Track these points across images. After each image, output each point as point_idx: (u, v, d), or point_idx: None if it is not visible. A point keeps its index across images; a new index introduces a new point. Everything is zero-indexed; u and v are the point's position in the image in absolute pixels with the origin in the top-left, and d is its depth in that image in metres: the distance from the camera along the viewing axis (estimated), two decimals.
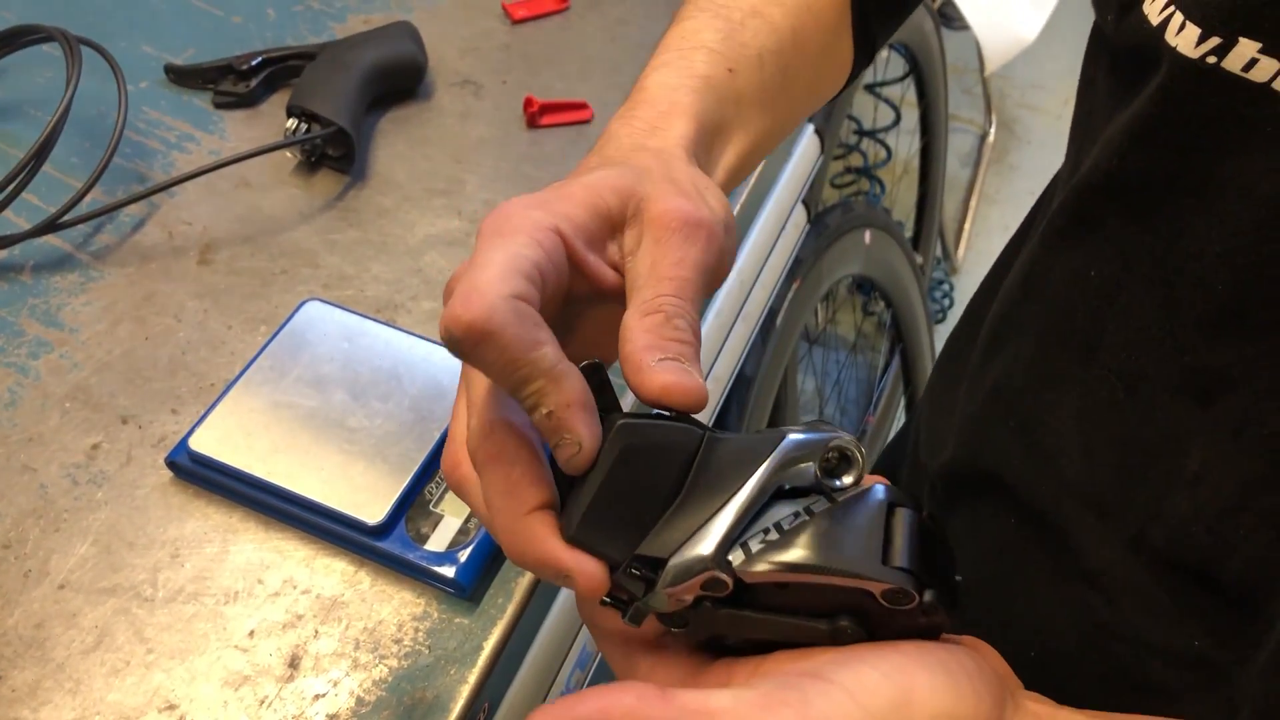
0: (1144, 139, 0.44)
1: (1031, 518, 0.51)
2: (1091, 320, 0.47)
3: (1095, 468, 0.48)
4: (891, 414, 1.76)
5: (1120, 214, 0.46)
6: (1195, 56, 0.40)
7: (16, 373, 0.67)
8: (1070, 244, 0.49)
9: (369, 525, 0.58)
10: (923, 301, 1.55)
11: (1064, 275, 0.50)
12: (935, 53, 1.65)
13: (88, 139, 0.80)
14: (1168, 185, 0.44)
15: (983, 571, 0.54)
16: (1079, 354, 0.48)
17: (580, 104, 0.85)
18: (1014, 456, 0.52)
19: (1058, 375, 0.50)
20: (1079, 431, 0.49)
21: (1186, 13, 0.40)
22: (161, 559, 0.59)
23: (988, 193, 2.40)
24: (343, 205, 0.77)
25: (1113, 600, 0.49)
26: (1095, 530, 0.49)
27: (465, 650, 0.57)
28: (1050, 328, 0.50)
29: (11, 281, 0.72)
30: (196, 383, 0.67)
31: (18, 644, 0.56)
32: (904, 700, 0.35)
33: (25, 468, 0.63)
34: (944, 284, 2.12)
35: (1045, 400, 0.50)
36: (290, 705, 0.55)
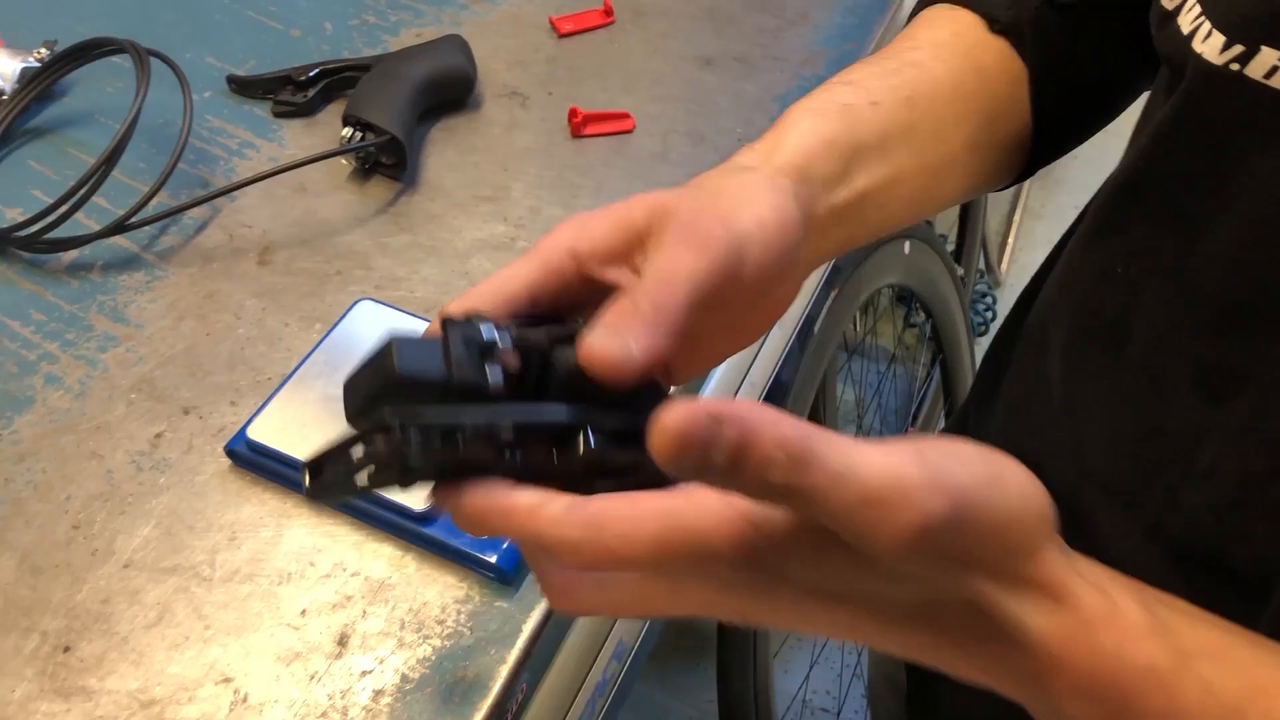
0: (1167, 142, 0.46)
1: (1060, 504, 0.53)
2: (1119, 316, 0.49)
3: (1118, 457, 0.50)
4: (932, 425, 1.77)
5: (1145, 214, 0.48)
6: (1219, 63, 0.41)
7: (86, 365, 0.71)
8: (1100, 243, 0.51)
9: (415, 512, 0.61)
10: (964, 313, 1.56)
11: (1094, 272, 0.52)
12: None
13: (153, 145, 0.84)
14: (1189, 187, 0.45)
15: None
16: (1107, 347, 0.50)
17: (623, 114, 0.88)
18: (1050, 442, 0.53)
19: (1088, 366, 0.51)
20: (1105, 421, 0.50)
21: (1213, 22, 0.42)
22: (219, 541, 0.63)
23: (1032, 206, 2.40)
24: (394, 210, 0.81)
25: None
26: (1116, 518, 0.50)
27: (505, 632, 0.60)
28: (1082, 321, 0.52)
29: (82, 279, 0.76)
30: (254, 376, 0.70)
31: (86, 618, 0.60)
32: (996, 474, 0.34)
33: (93, 454, 0.66)
34: (987, 297, 2.12)
35: (1076, 390, 0.52)
36: (339, 681, 0.58)
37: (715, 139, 0.86)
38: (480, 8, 0.98)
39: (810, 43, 0.95)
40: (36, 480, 0.65)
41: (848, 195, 0.49)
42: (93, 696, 0.57)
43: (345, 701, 0.57)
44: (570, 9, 0.97)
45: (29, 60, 0.88)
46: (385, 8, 0.98)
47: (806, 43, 0.95)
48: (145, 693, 0.57)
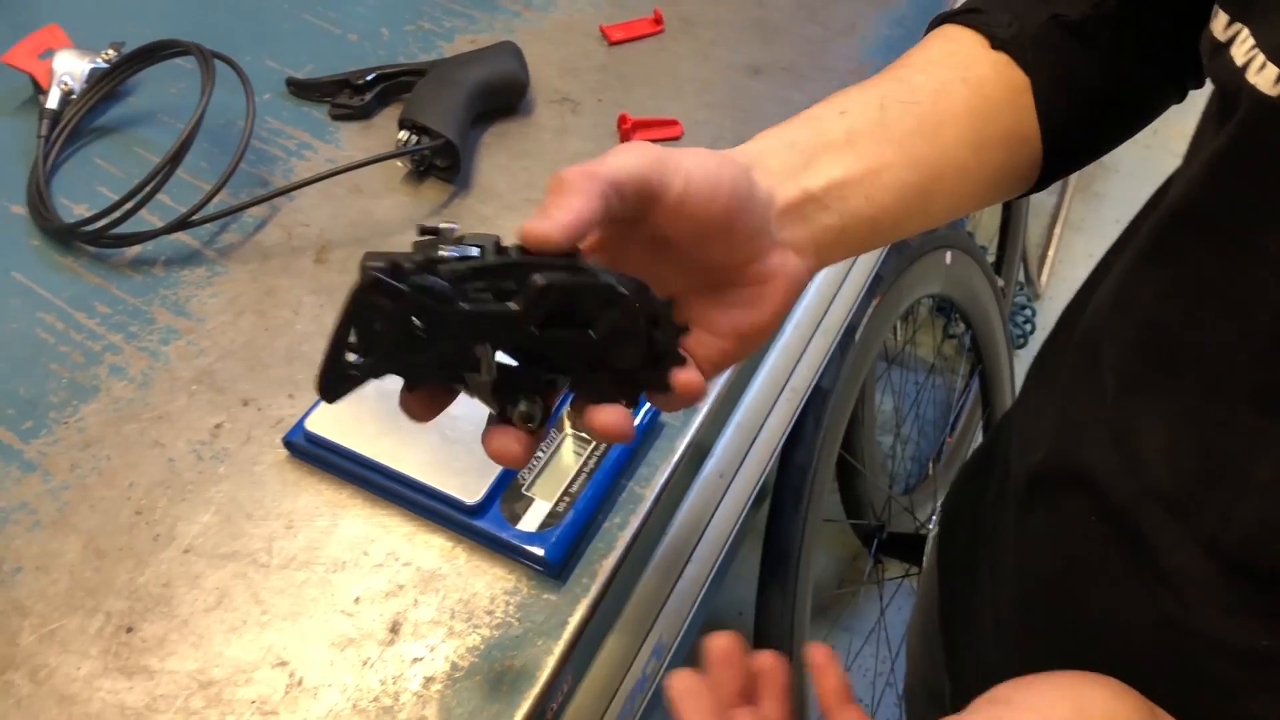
0: (1224, 171, 0.46)
1: (1113, 516, 0.53)
2: (1175, 336, 0.50)
3: (1177, 473, 0.50)
4: (969, 436, 1.77)
5: (1200, 242, 0.49)
6: (1274, 95, 0.42)
7: (149, 356, 0.73)
8: (1156, 268, 0.52)
9: (467, 504, 0.63)
10: (1003, 325, 1.57)
11: (1150, 295, 0.52)
12: None
13: (215, 145, 0.87)
14: (1244, 215, 0.46)
15: (1062, 568, 0.57)
16: (1164, 365, 0.51)
17: (671, 121, 0.89)
18: (1104, 457, 0.54)
19: (1145, 383, 0.52)
20: (1164, 437, 0.51)
21: (1267, 54, 0.42)
22: (277, 529, 0.65)
23: (1073, 220, 2.39)
24: (447, 212, 0.82)
25: (1185, 599, 0.51)
26: (1173, 532, 0.51)
27: (552, 624, 0.61)
28: (1138, 340, 0.53)
29: (145, 274, 0.78)
30: (311, 371, 0.72)
31: (148, 600, 0.62)
32: (1079, 709, 0.41)
33: (155, 443, 0.69)
34: (1026, 309, 2.12)
35: (1134, 406, 0.53)
36: (391, 667, 0.59)
37: None
38: (533, 15, 1.00)
39: (858, 53, 0.96)
40: (101, 467, 0.67)
41: (818, 182, 0.51)
42: (154, 676, 0.59)
43: (397, 687, 0.58)
44: (621, 17, 0.99)
45: (97, 61, 0.90)
46: (440, 14, 1.00)
47: (854, 53, 0.96)
48: (204, 673, 0.59)
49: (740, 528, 0.88)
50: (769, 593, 1.06)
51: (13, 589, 0.62)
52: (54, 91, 0.89)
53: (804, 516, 1.04)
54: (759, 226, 0.49)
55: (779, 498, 1.06)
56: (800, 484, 1.04)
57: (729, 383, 0.73)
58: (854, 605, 1.67)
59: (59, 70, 0.89)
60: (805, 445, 1.04)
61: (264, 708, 0.58)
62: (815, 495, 1.06)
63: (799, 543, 1.04)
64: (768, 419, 0.88)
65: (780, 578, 1.05)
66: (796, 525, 1.04)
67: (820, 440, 1.05)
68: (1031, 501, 0.61)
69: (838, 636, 1.62)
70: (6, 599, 0.62)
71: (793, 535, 1.04)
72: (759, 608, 1.07)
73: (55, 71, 0.89)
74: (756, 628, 1.08)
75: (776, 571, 1.06)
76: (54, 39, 0.93)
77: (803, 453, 1.04)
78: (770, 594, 1.06)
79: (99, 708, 0.58)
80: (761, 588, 1.07)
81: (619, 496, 0.66)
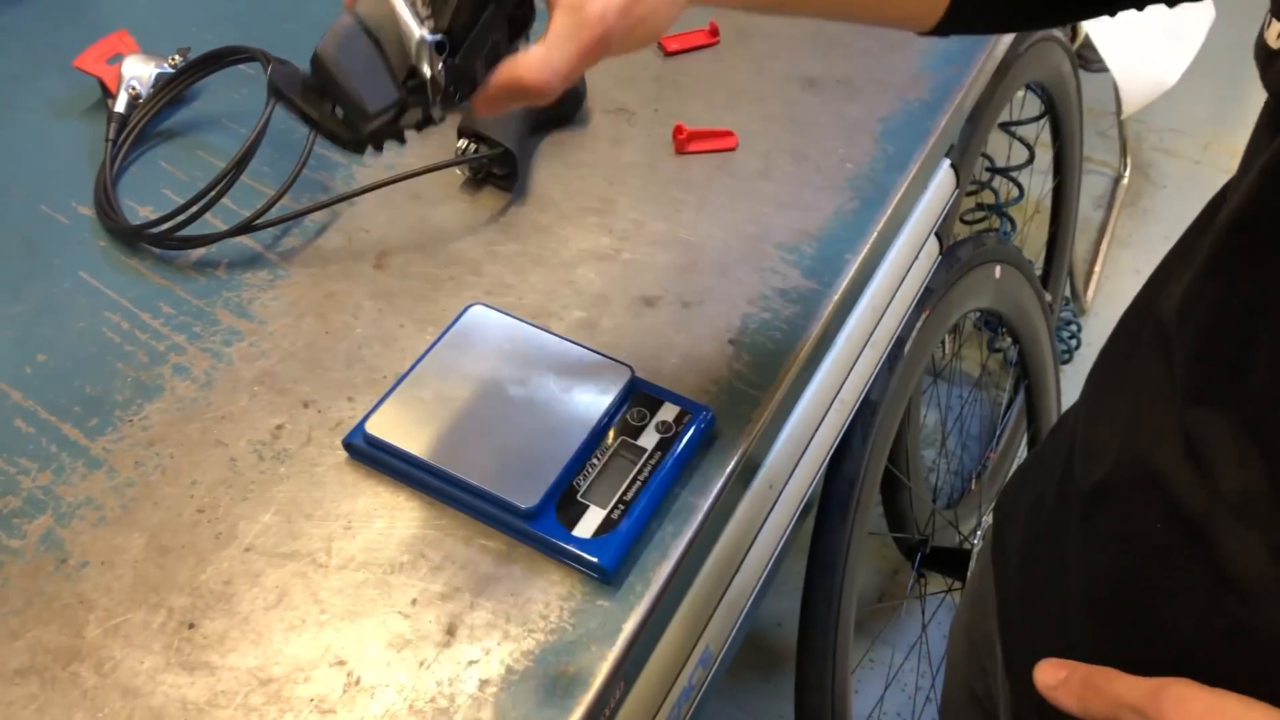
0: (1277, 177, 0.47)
1: (1182, 523, 0.54)
2: (1240, 344, 0.50)
3: (1248, 480, 0.51)
4: (1013, 451, 1.76)
5: (1259, 247, 0.49)
6: None
7: (212, 357, 0.74)
8: (1216, 279, 0.53)
9: (523, 509, 0.63)
10: (1051, 341, 1.56)
11: (1212, 303, 0.53)
12: (1072, 95, 1.65)
13: (276, 150, 0.88)
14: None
15: (1130, 576, 0.57)
16: (1230, 374, 0.51)
17: (726, 132, 0.90)
18: (1175, 464, 0.54)
19: (1213, 392, 0.52)
20: (1233, 444, 0.51)
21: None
22: (336, 530, 0.66)
23: (1120, 235, 2.37)
24: (504, 220, 0.83)
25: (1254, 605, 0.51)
26: (1243, 538, 0.51)
27: (606, 631, 0.62)
28: (1204, 349, 0.53)
29: (209, 276, 0.80)
30: (370, 374, 0.73)
31: (209, 597, 0.63)
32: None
33: (218, 442, 0.70)
34: (1072, 324, 2.10)
35: (1202, 414, 0.53)
36: (446, 669, 0.60)
37: (818, 158, 0.88)
38: None
39: (914, 67, 0.97)
40: (165, 465, 0.69)
41: None
42: (215, 672, 0.60)
43: (453, 689, 0.59)
44: (676, 29, 1.00)
45: (164, 66, 0.92)
46: None
47: (910, 67, 0.96)
48: (264, 671, 0.60)
49: (787, 539, 0.88)
50: (813, 605, 1.06)
51: (79, 583, 0.63)
52: (122, 96, 0.90)
53: (850, 529, 1.04)
54: None
55: (825, 510, 1.06)
56: (847, 496, 1.04)
57: (782, 394, 0.73)
58: (895, 620, 1.66)
59: (127, 75, 0.91)
60: (853, 458, 1.04)
61: (322, 706, 0.59)
62: (862, 508, 1.05)
63: (844, 555, 1.04)
64: (817, 431, 0.88)
65: (825, 590, 1.05)
66: (842, 538, 1.04)
67: (868, 453, 1.05)
68: (1097, 507, 0.61)
69: (879, 650, 1.62)
70: (73, 592, 0.63)
71: (838, 548, 1.04)
72: (803, 620, 1.07)
73: (123, 76, 0.91)
74: (800, 640, 1.08)
75: (821, 584, 1.06)
76: (122, 44, 0.95)
77: (850, 465, 1.04)
78: (814, 607, 1.06)
79: (161, 702, 0.59)
80: (805, 600, 1.07)
81: (673, 505, 0.67)
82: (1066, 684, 0.52)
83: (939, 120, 0.92)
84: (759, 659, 1.62)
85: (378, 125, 0.52)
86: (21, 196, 0.86)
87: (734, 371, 0.74)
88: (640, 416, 0.69)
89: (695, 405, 0.70)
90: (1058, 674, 0.52)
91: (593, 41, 0.51)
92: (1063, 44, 1.52)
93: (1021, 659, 0.70)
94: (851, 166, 0.87)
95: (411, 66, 0.51)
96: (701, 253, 0.81)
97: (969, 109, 1.00)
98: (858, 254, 0.81)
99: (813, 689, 1.07)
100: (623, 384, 0.69)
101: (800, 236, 0.82)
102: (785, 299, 0.78)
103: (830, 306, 0.78)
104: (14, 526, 0.66)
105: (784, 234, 0.82)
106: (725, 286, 0.79)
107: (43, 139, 0.91)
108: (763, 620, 1.64)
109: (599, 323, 0.76)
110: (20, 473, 0.68)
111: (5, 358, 0.74)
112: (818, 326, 0.76)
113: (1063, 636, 0.64)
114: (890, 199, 0.85)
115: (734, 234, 0.82)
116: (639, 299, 0.78)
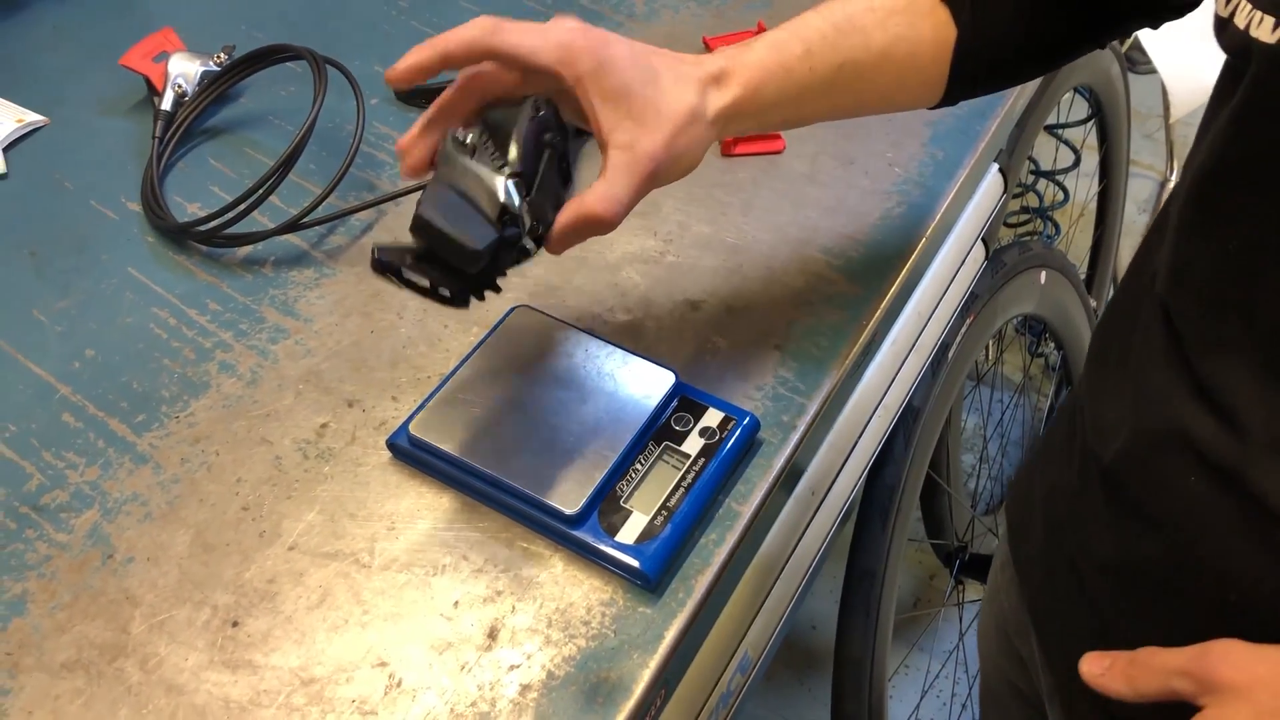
0: (1246, 123, 0.50)
1: (1214, 472, 0.54)
2: (1244, 292, 0.52)
3: (1273, 417, 0.52)
4: None
5: (1240, 193, 0.51)
6: (1274, 42, 0.46)
7: (258, 355, 0.75)
8: (1204, 230, 0.54)
9: (566, 514, 0.63)
10: None
11: (1208, 259, 0.54)
12: (1120, 98, 1.63)
13: (323, 148, 0.88)
14: (1273, 162, 0.49)
15: (1171, 531, 0.57)
16: (1239, 321, 0.52)
17: (773, 136, 0.89)
18: (1196, 417, 0.55)
19: (1223, 340, 0.54)
20: (1253, 384, 0.52)
21: (1262, 9, 0.47)
22: (379, 530, 0.66)
23: None
24: None
25: None
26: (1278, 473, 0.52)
27: (648, 638, 0.61)
28: (1206, 303, 0.55)
29: (255, 273, 0.80)
30: (414, 374, 0.73)
31: (253, 595, 0.63)
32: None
33: (263, 440, 0.70)
34: None
35: (1216, 363, 0.54)
36: (488, 672, 0.60)
37: (865, 162, 0.87)
38: (636, 26, 1.01)
39: None
40: (210, 462, 0.69)
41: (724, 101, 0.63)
42: (258, 670, 0.60)
43: (494, 693, 0.59)
44: (724, 30, 0.99)
45: (209, 64, 0.93)
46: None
47: None
48: (306, 671, 0.60)
49: (827, 545, 0.87)
50: (852, 611, 1.06)
51: (125, 578, 0.64)
52: (168, 94, 0.91)
53: (890, 535, 1.03)
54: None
55: (865, 516, 1.05)
56: (888, 503, 1.03)
57: (827, 401, 0.72)
58: (932, 627, 1.65)
59: (173, 72, 0.92)
60: (894, 464, 1.03)
61: (364, 707, 0.59)
62: (902, 514, 1.05)
63: (884, 563, 1.03)
64: (860, 437, 0.87)
65: (864, 596, 1.04)
66: (883, 544, 1.03)
67: (910, 459, 1.04)
68: (1120, 479, 0.61)
69: (915, 658, 1.60)
70: (119, 588, 0.63)
71: (878, 554, 1.04)
72: (841, 626, 1.06)
73: (169, 74, 0.92)
74: (838, 646, 1.07)
75: (860, 591, 1.05)
76: (168, 42, 0.96)
77: (891, 471, 1.03)
78: (853, 613, 1.05)
79: (204, 700, 0.59)
80: (844, 606, 1.06)
81: (716, 512, 0.66)
82: (1112, 671, 0.54)
83: (989, 125, 0.90)
84: (793, 660, 1.62)
85: (484, 265, 0.56)
86: (72, 191, 0.87)
87: (779, 377, 0.73)
88: (684, 422, 0.68)
89: (739, 411, 0.69)
90: (1102, 663, 0.54)
91: (646, 175, 0.59)
92: (1112, 46, 1.50)
93: (1060, 646, 0.70)
94: (899, 171, 0.86)
95: (502, 205, 0.56)
96: (747, 256, 0.80)
97: (1019, 113, 0.99)
98: (905, 260, 0.80)
99: (850, 697, 1.07)
100: (667, 388, 0.69)
101: (847, 242, 0.81)
102: (831, 304, 0.77)
103: (877, 313, 0.77)
104: (61, 521, 0.66)
105: (830, 239, 0.81)
106: (771, 291, 0.78)
107: (92, 134, 0.92)
108: (797, 622, 1.63)
109: (643, 326, 0.76)
110: (68, 467, 0.69)
111: (55, 352, 0.75)
112: (864, 333, 0.76)
113: (1097, 616, 0.64)
114: (939, 205, 0.84)
115: (780, 238, 0.82)
116: (684, 302, 0.77)
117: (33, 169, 0.89)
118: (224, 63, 0.93)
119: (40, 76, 0.97)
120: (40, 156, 0.90)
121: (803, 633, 1.64)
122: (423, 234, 0.55)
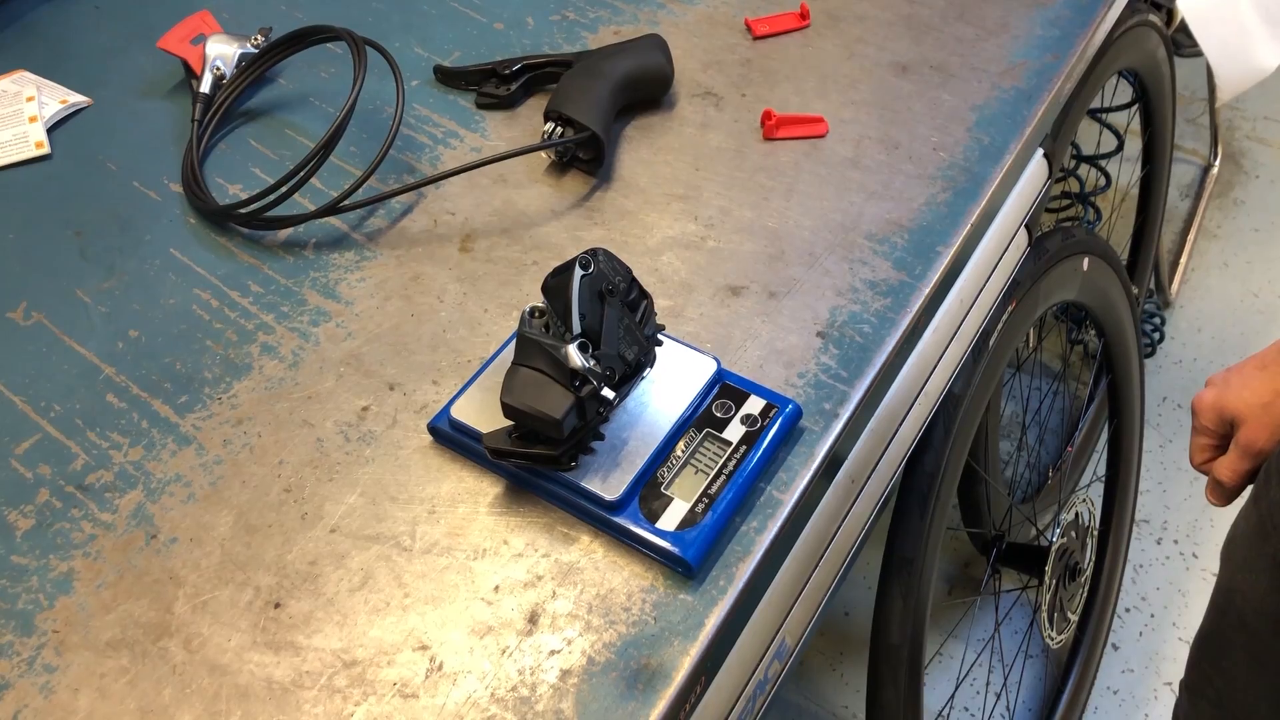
0: None
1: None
2: None
3: None
4: (1090, 447, 1.72)
5: None
6: None
7: (299, 337, 0.75)
8: None
9: (607, 500, 0.63)
10: (1136, 335, 1.51)
11: None
12: (1166, 81, 1.60)
13: (363, 130, 0.88)
14: None
15: None
16: None
17: (816, 119, 0.88)
18: None
19: None
20: None
21: None
22: (420, 514, 0.66)
23: (1208, 227, 2.30)
24: (589, 205, 0.83)
25: None
26: None
27: (688, 625, 0.61)
28: None
29: (296, 256, 0.80)
30: (455, 358, 0.73)
31: (295, 578, 0.63)
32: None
33: (305, 422, 0.70)
34: (1155, 317, 2.05)
35: None
36: (528, 657, 0.60)
37: (909, 146, 0.86)
38: (677, 7, 1.00)
39: (1010, 54, 0.94)
40: (253, 444, 0.69)
41: None
42: (300, 652, 0.60)
43: (534, 678, 0.59)
44: (766, 11, 0.98)
45: (247, 46, 0.93)
46: (585, 4, 1.00)
47: (1006, 54, 0.94)
48: (348, 653, 0.60)
49: (866, 532, 0.87)
50: (890, 598, 1.05)
51: (169, 559, 0.64)
52: (206, 76, 0.91)
53: (929, 524, 1.02)
54: None
55: (904, 504, 1.04)
56: (927, 491, 1.02)
57: (870, 389, 0.71)
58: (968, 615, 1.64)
59: (210, 55, 0.92)
60: (934, 451, 1.02)
61: (405, 690, 0.59)
62: (941, 503, 1.03)
63: (923, 551, 1.02)
64: (901, 425, 0.86)
65: (903, 583, 1.03)
66: (921, 531, 1.02)
67: (949, 447, 1.03)
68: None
69: (950, 645, 1.59)
70: (162, 568, 0.64)
71: (917, 541, 1.03)
72: (878, 612, 1.06)
73: (207, 56, 0.92)
74: (874, 632, 1.06)
75: (899, 577, 1.04)
76: (205, 25, 0.96)
77: (931, 459, 1.02)
78: (891, 599, 1.04)
79: (247, 680, 0.59)
80: (882, 593, 1.06)
81: (757, 500, 0.66)
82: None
83: (1035, 109, 0.89)
84: (826, 646, 1.61)
85: (569, 428, 0.62)
86: (115, 172, 0.87)
87: (821, 364, 0.72)
88: (725, 409, 0.68)
89: (781, 398, 0.68)
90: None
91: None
92: (1159, 29, 1.47)
93: None
94: (945, 155, 0.85)
95: (572, 370, 0.61)
96: (789, 242, 0.80)
97: (1065, 97, 0.98)
98: (950, 246, 0.79)
99: (887, 684, 1.06)
100: (709, 375, 0.68)
101: (891, 227, 0.80)
102: (875, 291, 0.76)
103: (921, 300, 0.76)
104: (106, 500, 0.67)
105: (874, 224, 0.81)
106: (813, 277, 0.77)
107: (135, 115, 0.92)
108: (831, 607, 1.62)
109: (684, 311, 0.75)
110: (112, 447, 0.69)
111: (100, 333, 0.75)
112: (908, 320, 0.75)
113: None
114: (985, 190, 0.83)
115: (823, 223, 0.81)
116: (725, 288, 0.77)
117: (76, 149, 0.89)
118: (261, 44, 0.93)
119: (83, 57, 0.98)
120: (83, 137, 0.90)
121: (836, 619, 1.63)
122: (511, 416, 0.62)
